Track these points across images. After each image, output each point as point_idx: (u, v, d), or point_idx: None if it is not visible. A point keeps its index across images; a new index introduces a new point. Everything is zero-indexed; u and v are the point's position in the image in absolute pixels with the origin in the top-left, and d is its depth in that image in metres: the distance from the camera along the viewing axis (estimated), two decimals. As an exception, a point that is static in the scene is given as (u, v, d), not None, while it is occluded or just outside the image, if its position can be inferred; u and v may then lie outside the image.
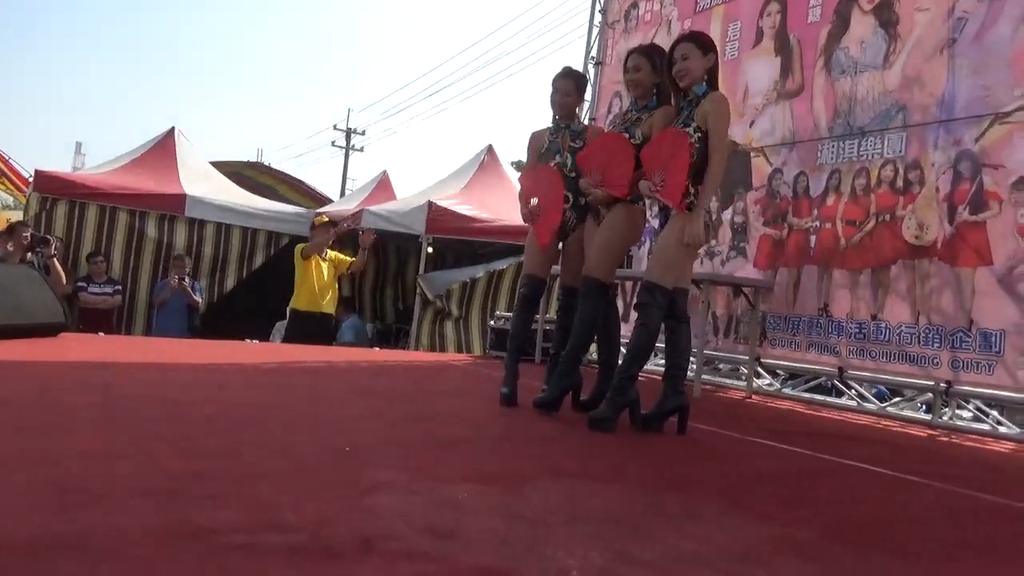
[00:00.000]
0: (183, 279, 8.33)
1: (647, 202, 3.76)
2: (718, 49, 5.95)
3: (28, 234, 7.07)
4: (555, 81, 3.94)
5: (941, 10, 4.65)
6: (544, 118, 4.12)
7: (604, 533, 1.80)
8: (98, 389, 3.29)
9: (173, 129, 10.00)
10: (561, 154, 3.88)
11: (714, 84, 3.43)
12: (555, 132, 3.95)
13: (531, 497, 2.07)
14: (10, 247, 6.86)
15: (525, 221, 3.96)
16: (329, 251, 7.54)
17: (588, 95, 6.88)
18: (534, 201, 3.88)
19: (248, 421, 2.85)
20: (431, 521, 1.75)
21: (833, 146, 5.19)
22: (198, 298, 8.49)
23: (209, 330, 8.33)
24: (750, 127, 5.77)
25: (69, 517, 1.56)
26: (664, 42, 4.69)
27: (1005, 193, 4.23)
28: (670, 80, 3.46)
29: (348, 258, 7.57)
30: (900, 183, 4.76)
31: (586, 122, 6.32)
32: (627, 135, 3.62)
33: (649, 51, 3.73)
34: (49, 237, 7.34)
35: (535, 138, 4.03)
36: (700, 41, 3.45)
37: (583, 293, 3.65)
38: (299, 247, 7.34)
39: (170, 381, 3.83)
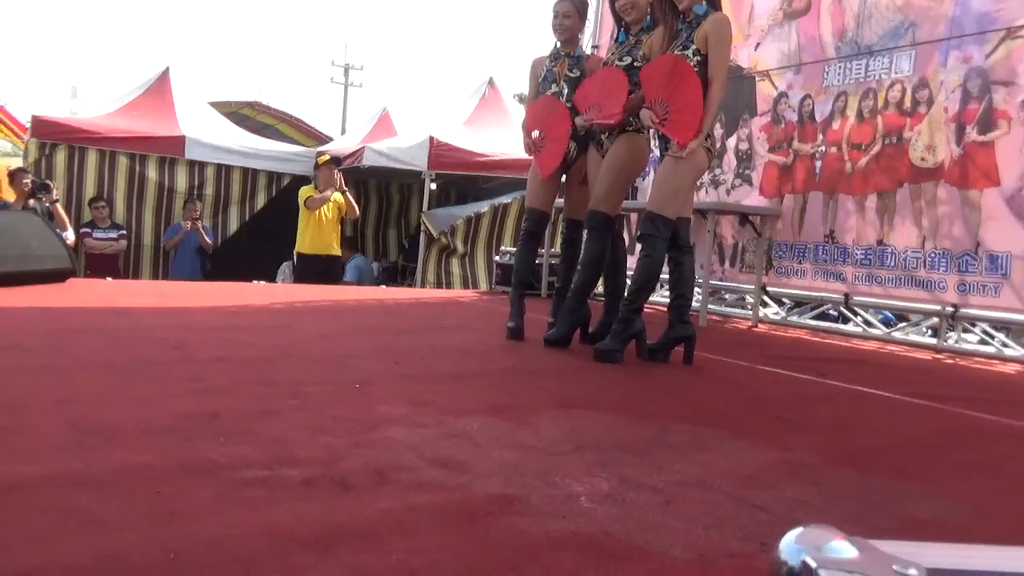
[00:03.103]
0: (198, 219, 8.37)
1: (650, 131, 3.70)
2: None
3: (28, 180, 7.03)
4: (555, 5, 3.86)
5: (954, -81, 4.48)
6: (545, 48, 4.03)
7: (611, 461, 1.83)
8: (109, 332, 3.32)
9: (168, 69, 9.83)
10: (557, 83, 3.81)
11: (715, 3, 3.34)
12: (554, 59, 3.88)
13: (539, 428, 2.11)
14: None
15: (527, 153, 3.92)
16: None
17: (591, 22, 6.72)
18: (536, 132, 3.83)
19: (258, 361, 2.88)
20: (441, 453, 1.78)
21: (840, 67, 5.08)
22: (210, 241, 8.52)
23: (214, 272, 8.37)
24: (755, 49, 5.64)
25: (86, 456, 1.59)
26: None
27: (1015, 111, 4.15)
28: (668, 4, 3.36)
29: (351, 208, 7.55)
30: (908, 104, 4.67)
31: (588, 50, 6.19)
32: (629, 59, 3.54)
33: None
34: (49, 183, 7.30)
35: (535, 65, 3.96)
36: None
37: (589, 228, 3.64)
38: (304, 194, 7.27)
39: (180, 324, 3.85)
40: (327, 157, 7.72)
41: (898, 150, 4.70)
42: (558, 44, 3.90)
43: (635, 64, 3.51)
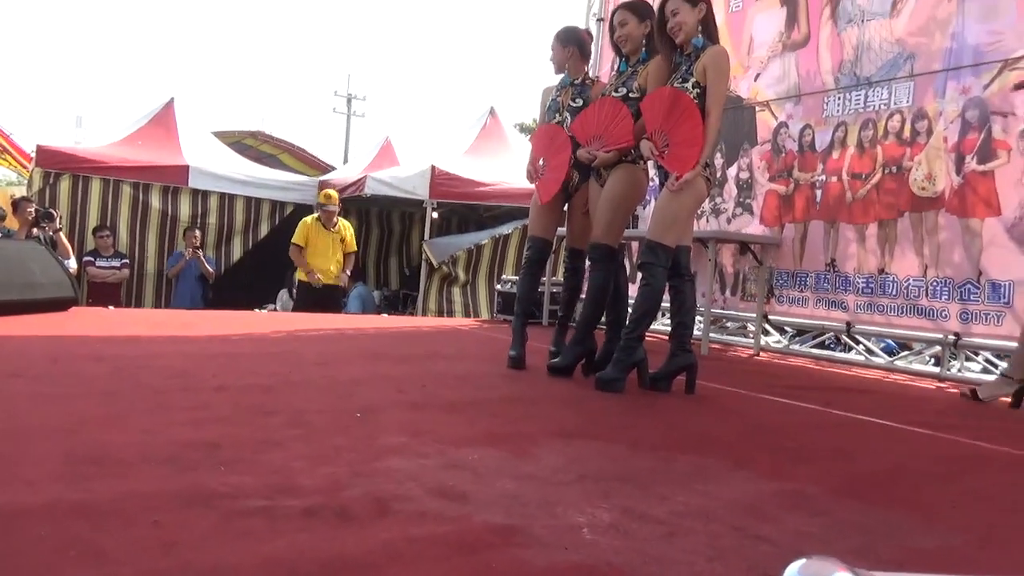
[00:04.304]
0: (199, 247, 8.41)
1: (648, 161, 3.73)
2: (723, 1, 5.89)
3: (33, 209, 7.08)
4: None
5: (950, -45, 4.56)
6: (546, 79, 4.09)
7: (613, 491, 1.82)
8: (110, 360, 3.32)
9: (172, 100, 9.93)
10: (560, 112, 3.85)
11: (711, 35, 3.38)
12: (559, 88, 3.92)
13: (540, 458, 2.09)
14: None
15: (528, 180, 3.94)
16: (341, 220, 7.55)
17: (595, 52, 6.80)
18: (541, 161, 3.86)
19: (260, 389, 2.87)
20: (443, 483, 1.77)
21: (839, 98, 5.12)
22: (211, 269, 8.55)
23: (217, 301, 8.38)
24: (755, 80, 5.70)
25: (86, 485, 1.59)
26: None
27: (1014, 142, 4.18)
28: (666, 39, 3.41)
29: (352, 242, 7.62)
30: (907, 134, 4.70)
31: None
32: (624, 90, 3.58)
33: (632, 4, 3.69)
34: (53, 212, 7.35)
35: (545, 93, 4.03)
36: None
37: (592, 260, 3.65)
38: (302, 228, 7.34)
39: (181, 352, 3.85)
40: (334, 201, 7.61)
41: (898, 179, 4.72)
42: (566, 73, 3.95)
43: (630, 95, 3.55)
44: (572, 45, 3.91)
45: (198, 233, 8.66)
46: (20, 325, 4.18)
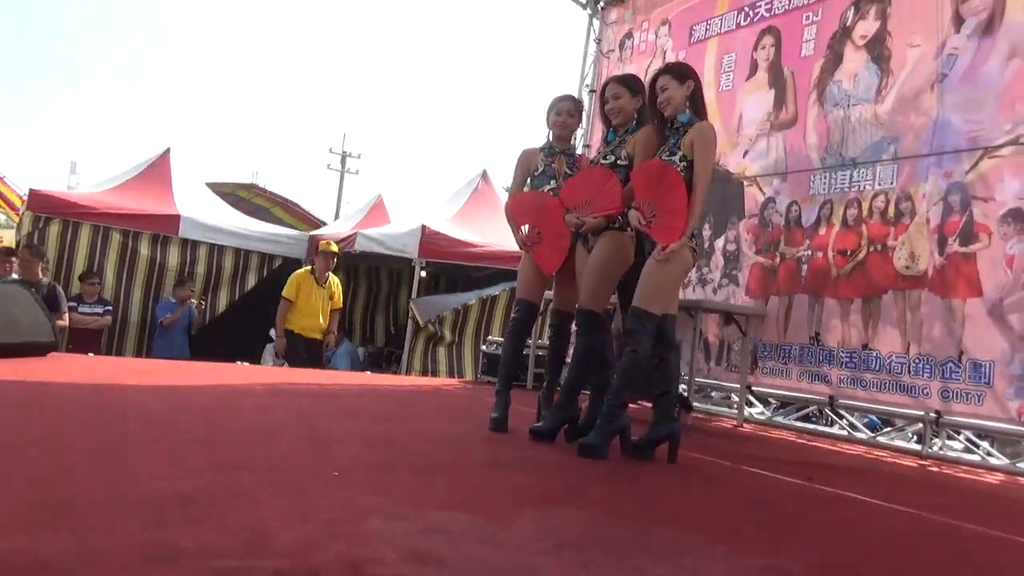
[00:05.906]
0: (201, 303, 8.43)
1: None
2: (713, 81, 6.07)
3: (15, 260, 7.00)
4: (556, 103, 3.92)
5: (932, 47, 4.73)
6: (537, 143, 4.12)
7: (591, 561, 1.79)
8: (87, 408, 3.27)
9: (168, 150, 10.01)
10: (557, 180, 3.87)
11: (698, 110, 3.48)
12: (549, 155, 3.94)
13: (518, 524, 2.06)
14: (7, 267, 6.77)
15: (520, 247, 3.95)
16: (332, 277, 7.55)
17: (586, 122, 6.96)
18: (527, 227, 3.88)
19: (237, 443, 2.83)
20: (417, 547, 1.74)
21: (825, 177, 5.23)
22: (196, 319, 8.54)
23: (200, 351, 8.29)
24: (744, 157, 5.82)
25: (53, 537, 1.55)
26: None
27: (994, 226, 4.27)
28: (655, 112, 3.50)
29: (339, 300, 7.68)
30: (891, 214, 4.80)
31: (580, 149, 6.35)
32: (613, 158, 3.64)
33: (625, 78, 3.79)
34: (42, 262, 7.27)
35: (527, 156, 3.99)
36: (676, 71, 3.52)
37: (579, 325, 3.66)
38: (294, 280, 7.35)
39: (161, 401, 3.80)
40: (334, 248, 7.65)
41: (883, 258, 4.80)
42: (551, 140, 3.98)
43: (618, 162, 3.61)
44: (580, 118, 4.08)
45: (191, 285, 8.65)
46: (-3, 369, 4.12)
